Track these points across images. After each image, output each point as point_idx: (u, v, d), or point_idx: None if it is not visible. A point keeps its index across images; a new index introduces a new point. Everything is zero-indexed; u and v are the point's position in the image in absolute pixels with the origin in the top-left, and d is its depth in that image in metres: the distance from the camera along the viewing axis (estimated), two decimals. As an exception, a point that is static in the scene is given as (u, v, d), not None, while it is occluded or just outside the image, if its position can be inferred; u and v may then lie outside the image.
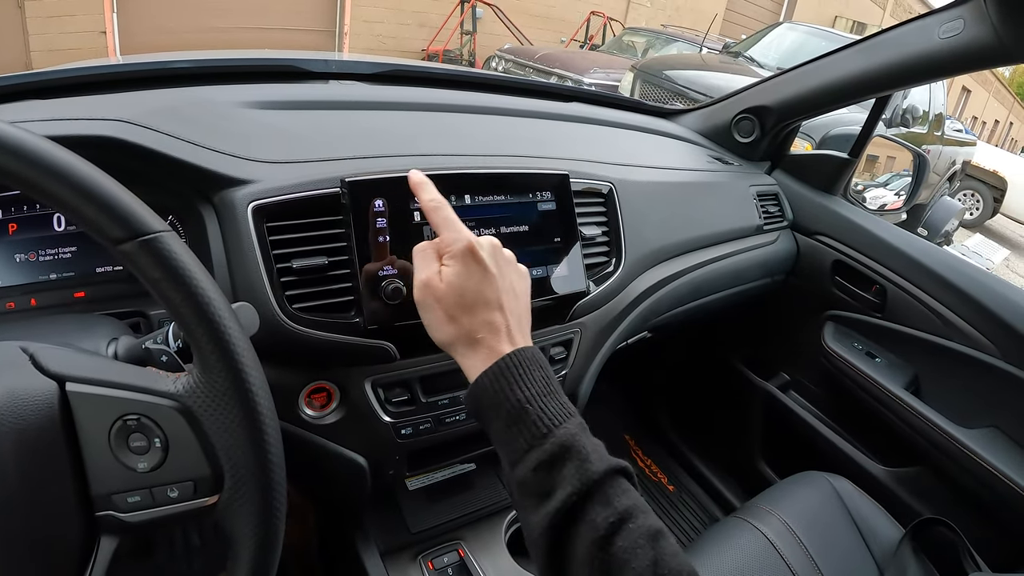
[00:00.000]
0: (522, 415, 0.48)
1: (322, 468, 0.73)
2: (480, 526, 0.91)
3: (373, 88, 1.04)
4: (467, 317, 0.52)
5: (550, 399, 0.49)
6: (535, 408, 0.48)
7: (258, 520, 0.43)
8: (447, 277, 0.53)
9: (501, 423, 0.49)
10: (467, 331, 0.52)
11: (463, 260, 0.53)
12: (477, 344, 0.52)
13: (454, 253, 0.53)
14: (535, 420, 0.47)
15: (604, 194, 0.89)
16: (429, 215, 0.56)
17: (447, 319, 0.53)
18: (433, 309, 0.54)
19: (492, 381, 0.50)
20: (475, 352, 0.52)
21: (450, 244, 0.54)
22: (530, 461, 0.46)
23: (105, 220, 0.39)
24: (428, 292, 0.54)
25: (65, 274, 0.67)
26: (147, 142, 0.62)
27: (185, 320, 0.41)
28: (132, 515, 0.43)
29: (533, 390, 0.49)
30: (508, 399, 0.48)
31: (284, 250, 0.63)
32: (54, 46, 5.13)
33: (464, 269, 0.53)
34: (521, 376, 0.49)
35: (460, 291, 0.52)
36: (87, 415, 0.42)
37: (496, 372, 0.50)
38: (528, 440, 0.47)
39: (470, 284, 0.53)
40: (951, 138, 6.02)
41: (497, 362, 0.50)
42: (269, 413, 0.43)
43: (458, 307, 0.52)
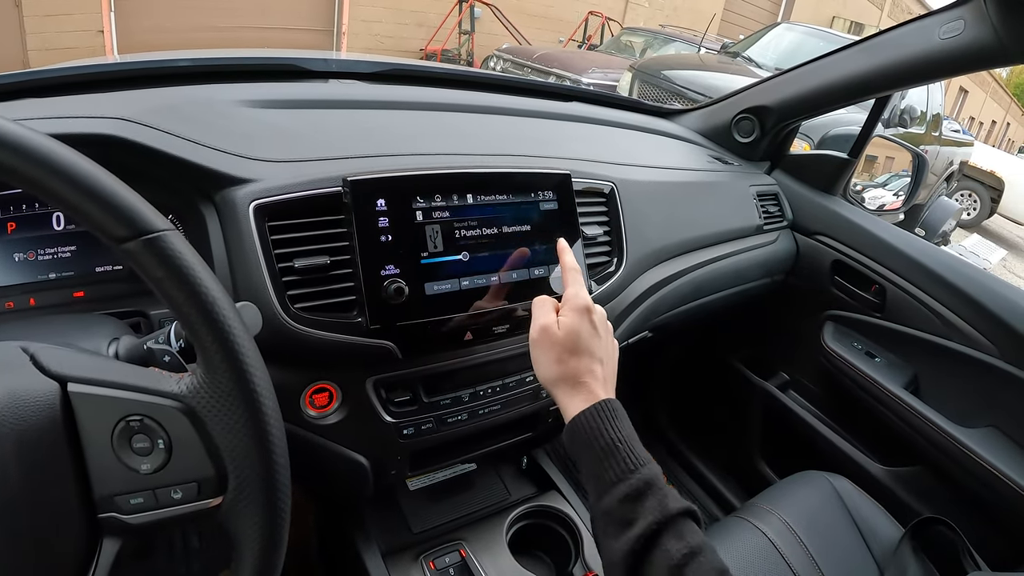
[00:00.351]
0: (614, 451, 0.54)
1: (324, 468, 0.73)
2: (481, 526, 0.91)
3: (373, 87, 1.03)
4: (575, 361, 0.60)
5: (636, 444, 0.56)
6: (625, 447, 0.55)
7: (263, 522, 0.43)
8: (565, 324, 0.61)
9: (594, 456, 0.55)
10: (573, 373, 0.60)
11: (580, 314, 0.62)
12: (580, 386, 0.59)
13: (575, 306, 0.62)
14: (625, 457, 0.54)
15: (606, 194, 0.88)
16: (566, 272, 0.67)
17: (557, 360, 0.60)
18: (547, 350, 0.61)
19: (591, 418, 0.57)
20: (577, 392, 0.59)
21: (572, 298, 0.63)
22: (618, 492, 0.52)
23: (108, 219, 0.38)
24: (545, 335, 0.61)
25: (64, 273, 0.67)
26: (148, 140, 0.62)
27: (189, 320, 0.40)
28: (135, 517, 0.43)
29: (624, 433, 0.56)
30: (603, 435, 0.55)
31: (286, 249, 0.63)
32: (51, 45, 5.11)
33: (580, 322, 0.61)
34: (614, 420, 0.57)
35: (575, 338, 0.60)
36: (89, 416, 0.41)
37: (595, 411, 0.57)
38: (617, 474, 0.53)
39: (583, 335, 0.61)
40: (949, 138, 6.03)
41: (597, 403, 0.57)
42: (274, 414, 0.43)
43: (569, 351, 0.60)
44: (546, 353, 0.61)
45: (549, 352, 0.61)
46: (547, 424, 0.90)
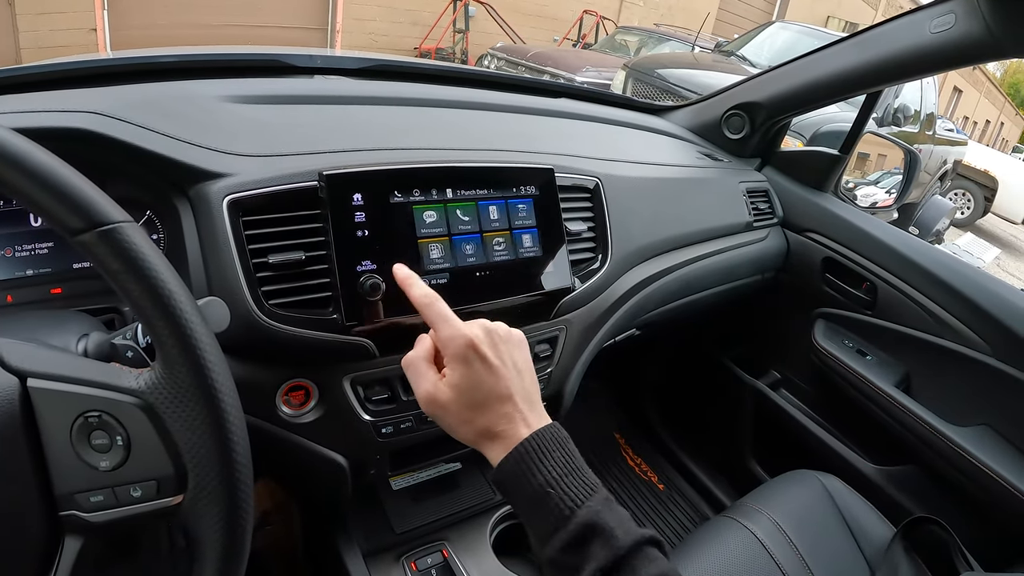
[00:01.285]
0: (545, 498, 0.48)
1: (301, 468, 0.72)
2: (465, 526, 0.90)
3: (357, 83, 1.02)
4: (481, 416, 0.52)
5: (572, 478, 0.49)
6: (557, 491, 0.48)
7: (224, 521, 0.42)
8: (452, 381, 0.52)
9: (525, 506, 0.50)
10: (485, 428, 0.52)
11: (465, 360, 0.52)
12: (497, 437, 0.52)
13: (455, 354, 0.52)
14: (557, 503, 0.48)
15: (590, 189, 0.87)
16: (422, 311, 0.55)
17: (461, 422, 0.53)
18: (444, 417, 0.53)
19: (513, 467, 0.50)
20: (496, 444, 0.52)
21: (448, 344, 0.53)
22: (557, 541, 0.47)
23: (62, 209, 0.38)
24: (434, 405, 0.53)
25: (42, 270, 0.66)
26: (119, 134, 0.61)
27: (146, 314, 0.39)
28: (95, 515, 0.42)
29: (554, 472, 0.49)
30: (530, 483, 0.49)
31: (260, 244, 0.61)
32: (44, 43, 5.09)
33: (468, 370, 0.52)
34: (541, 459, 0.50)
35: (469, 393, 0.52)
36: (48, 411, 0.41)
37: (515, 458, 0.50)
38: (552, 522, 0.48)
39: (478, 384, 0.52)
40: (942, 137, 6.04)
41: (514, 450, 0.50)
42: (234, 410, 0.42)
43: (469, 409, 0.52)
44: (446, 419, 0.53)
45: (448, 417, 0.53)
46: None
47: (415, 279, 0.58)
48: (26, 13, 4.98)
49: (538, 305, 0.76)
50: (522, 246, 0.73)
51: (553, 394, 0.87)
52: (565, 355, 0.85)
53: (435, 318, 0.54)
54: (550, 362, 0.83)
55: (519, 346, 0.57)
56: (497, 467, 0.51)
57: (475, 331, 0.53)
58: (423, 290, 0.56)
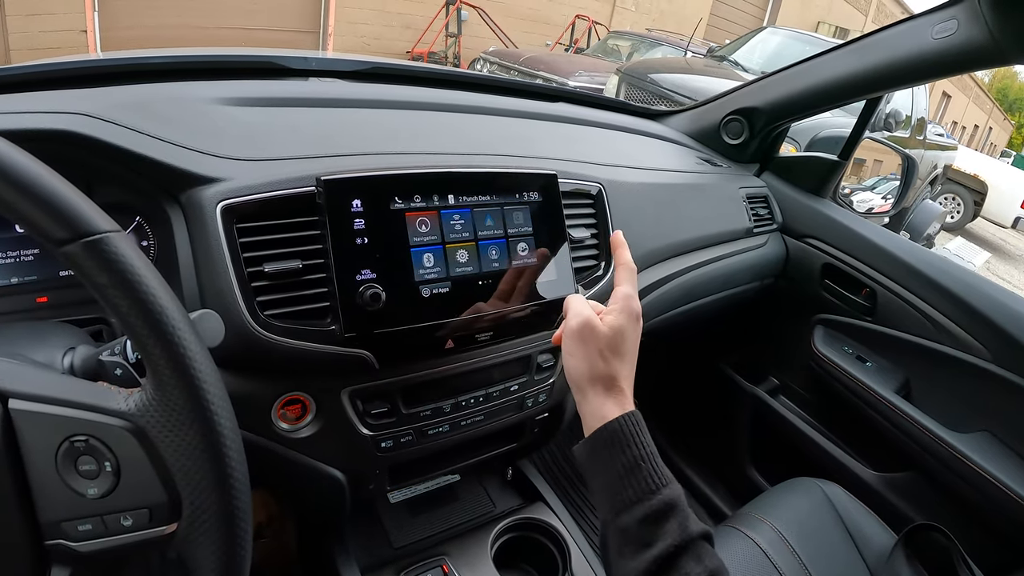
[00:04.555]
0: (637, 468, 0.51)
1: (298, 483, 0.69)
2: (465, 540, 0.88)
3: (354, 86, 1.00)
4: (617, 362, 0.56)
5: (659, 461, 0.53)
6: (648, 466, 0.51)
7: (221, 551, 0.40)
8: (614, 323, 0.57)
9: (617, 470, 0.52)
10: (613, 374, 0.56)
11: (629, 317, 0.58)
12: (615, 390, 0.55)
13: (628, 309, 0.58)
14: (648, 475, 0.51)
15: (593, 195, 0.86)
16: (622, 269, 0.63)
17: (599, 355, 0.56)
18: (587, 343, 0.56)
19: (621, 429, 0.53)
20: (610, 396, 0.55)
21: (626, 299, 0.59)
22: (637, 512, 0.50)
23: (44, 218, 0.35)
24: (589, 328, 0.57)
25: (27, 278, 0.63)
26: (108, 137, 0.59)
27: (135, 330, 0.37)
28: (84, 544, 0.40)
29: (649, 448, 0.53)
30: (630, 449, 0.52)
31: (255, 253, 0.59)
32: (34, 44, 5.04)
33: (628, 323, 0.58)
34: (641, 433, 0.53)
35: (621, 339, 0.57)
36: (32, 435, 0.38)
37: (625, 421, 0.53)
38: (638, 493, 0.50)
39: (630, 339, 0.58)
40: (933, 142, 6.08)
41: (627, 413, 0.54)
42: (231, 433, 0.40)
43: (613, 351, 0.56)
44: (585, 346, 0.56)
45: (589, 345, 0.56)
46: (532, 435, 0.87)
47: (626, 247, 0.65)
48: (16, 14, 4.93)
49: (541, 313, 0.74)
50: (524, 253, 0.72)
51: (554, 406, 0.85)
52: (567, 365, 0.83)
53: (626, 279, 0.62)
54: (552, 372, 0.82)
55: None
56: (608, 423, 0.53)
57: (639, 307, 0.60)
58: (629, 259, 0.64)
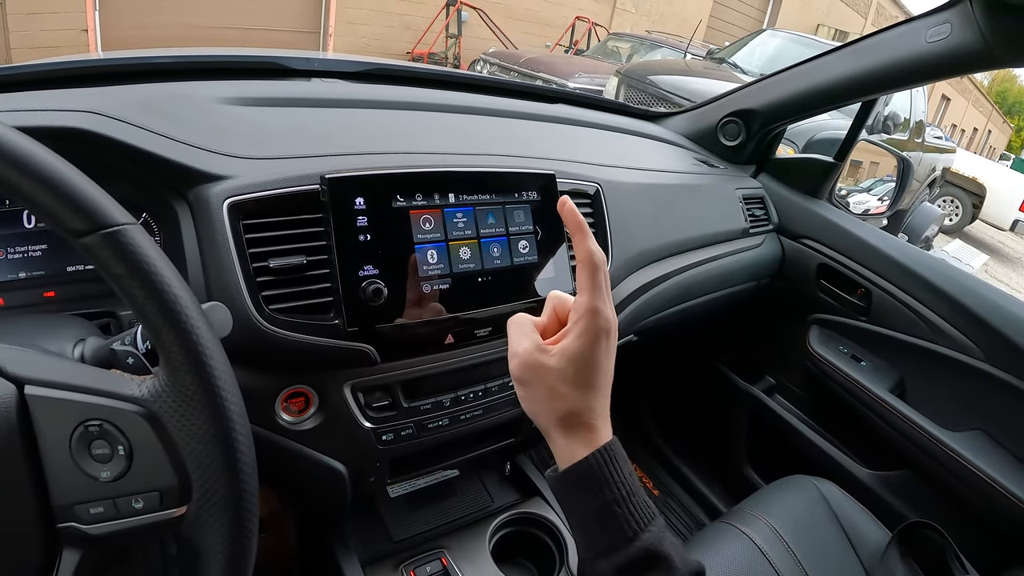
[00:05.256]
0: (611, 515, 0.45)
1: (300, 476, 0.71)
2: (464, 534, 0.89)
3: (356, 86, 1.02)
4: (579, 394, 0.47)
5: (636, 499, 0.46)
6: (623, 511, 0.45)
7: (229, 533, 0.41)
8: (569, 350, 0.47)
9: (589, 516, 0.46)
10: (575, 411, 0.47)
11: (595, 339, 0.47)
12: (580, 427, 0.47)
13: (590, 326, 0.47)
14: (625, 520, 0.45)
15: (591, 195, 0.87)
16: (585, 266, 0.48)
17: (554, 396, 0.47)
18: (536, 384, 0.48)
19: (585, 473, 0.46)
20: (577, 434, 0.47)
21: (591, 314, 0.47)
22: (615, 560, 0.45)
23: (65, 211, 0.36)
24: (530, 368, 0.48)
25: (35, 273, 0.65)
26: (118, 134, 0.60)
27: (150, 319, 0.38)
28: (95, 527, 0.41)
29: (624, 489, 0.46)
30: (600, 495, 0.46)
31: (261, 249, 0.61)
32: (35, 43, 5.05)
33: (591, 350, 0.47)
34: (616, 469, 0.46)
35: (582, 370, 0.47)
36: (47, 420, 0.39)
37: (596, 460, 0.46)
38: (613, 541, 0.45)
39: (594, 365, 0.47)
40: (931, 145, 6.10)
41: (594, 454, 0.46)
42: (240, 419, 0.41)
43: (571, 385, 0.47)
44: (532, 388, 0.48)
45: (536, 386, 0.47)
46: (530, 430, 0.88)
47: (588, 230, 0.50)
48: (17, 13, 4.94)
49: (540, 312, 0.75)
50: (525, 251, 0.73)
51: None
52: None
53: (590, 284, 0.48)
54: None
55: None
56: (575, 465, 0.46)
57: (613, 318, 0.49)
58: (598, 249, 0.49)
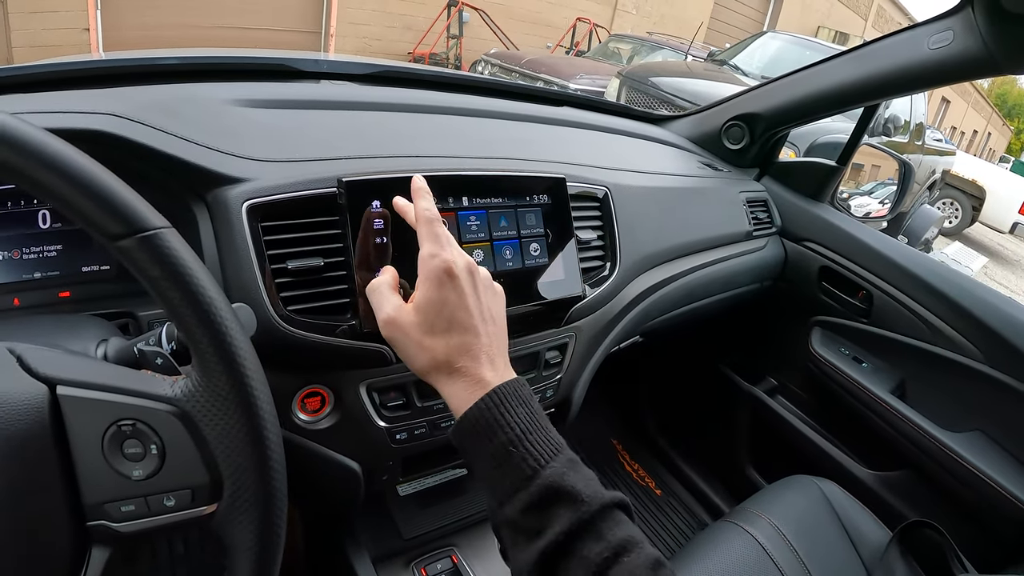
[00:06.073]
0: (507, 456, 0.46)
1: (314, 473, 0.72)
2: (473, 532, 0.90)
3: (365, 88, 1.03)
4: (440, 343, 0.50)
5: (536, 436, 0.47)
6: (519, 450, 0.46)
7: (259, 530, 0.42)
8: (418, 301, 0.51)
9: (486, 463, 0.48)
10: (444, 358, 0.50)
11: (438, 281, 0.51)
12: (456, 372, 0.50)
13: (429, 274, 0.51)
14: (521, 459, 0.46)
15: (599, 198, 0.88)
16: (419, 223, 0.54)
17: (420, 348, 0.51)
18: (403, 340, 0.52)
19: (474, 420, 0.48)
20: (455, 381, 0.50)
21: (426, 262, 0.52)
22: (518, 503, 0.45)
23: (103, 215, 0.37)
24: (394, 327, 0.52)
25: (50, 273, 0.65)
26: (140, 137, 0.61)
27: (185, 321, 0.39)
28: (126, 525, 0.42)
29: (518, 428, 0.47)
30: (492, 439, 0.47)
31: (279, 250, 0.61)
32: (36, 42, 5.05)
33: (437, 292, 0.51)
34: (504, 414, 0.48)
35: (433, 316, 0.51)
36: (79, 420, 0.40)
37: (478, 410, 0.48)
38: (514, 481, 0.46)
39: (443, 308, 0.51)
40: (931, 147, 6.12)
41: (479, 400, 0.48)
42: (271, 419, 0.42)
43: (430, 334, 0.50)
44: (405, 342, 0.51)
45: (403, 341, 0.51)
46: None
47: (426, 192, 0.56)
48: (19, 12, 4.95)
49: (550, 312, 0.77)
50: (536, 254, 0.74)
51: (561, 401, 0.87)
52: (574, 362, 0.86)
53: (426, 234, 0.53)
54: (560, 369, 0.84)
55: (496, 297, 0.56)
56: (460, 419, 0.49)
57: (456, 259, 0.52)
58: (428, 205, 0.55)
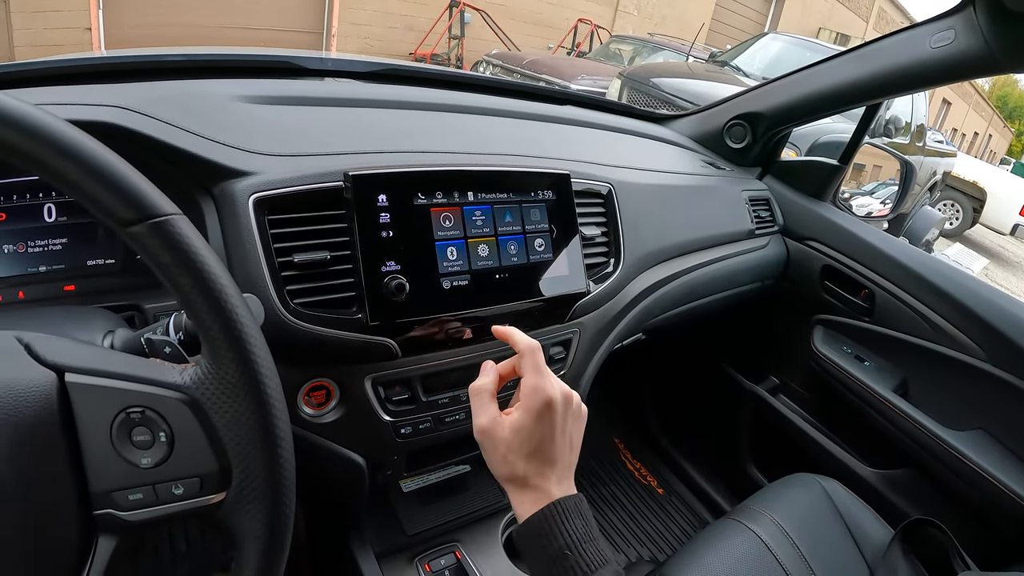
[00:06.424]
0: (563, 559, 0.51)
1: (320, 468, 0.72)
2: (476, 528, 0.90)
3: (369, 86, 1.03)
4: (522, 465, 0.55)
5: (589, 546, 0.52)
6: (574, 554, 0.51)
7: (267, 518, 0.42)
8: (516, 425, 0.55)
9: (543, 564, 0.52)
10: (522, 475, 0.55)
11: (538, 414, 0.55)
12: (528, 488, 0.55)
13: (532, 406, 0.55)
14: (572, 566, 0.51)
15: (603, 195, 0.89)
16: (522, 355, 0.58)
17: (504, 462, 0.56)
18: (491, 450, 0.56)
19: (537, 525, 0.53)
20: (525, 493, 0.55)
21: (531, 394, 0.56)
22: None
23: (114, 201, 0.37)
24: (487, 436, 0.56)
25: (55, 266, 0.65)
26: (148, 130, 0.61)
27: (195, 307, 0.39)
28: (133, 513, 0.41)
29: (574, 536, 0.52)
30: (552, 543, 0.52)
31: (285, 244, 0.62)
32: (38, 41, 5.06)
33: (535, 425, 0.55)
34: (563, 523, 0.53)
35: (525, 443, 0.55)
36: (87, 408, 0.40)
37: (542, 517, 0.53)
38: None
39: (536, 440, 0.55)
40: (932, 149, 6.12)
41: (543, 508, 0.54)
42: (280, 406, 0.42)
43: (516, 455, 0.55)
44: (488, 454, 0.57)
45: (491, 453, 0.56)
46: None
47: (516, 331, 0.61)
48: (21, 11, 4.95)
49: (554, 307, 0.77)
50: (540, 249, 0.74)
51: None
52: (578, 357, 0.86)
53: (530, 366, 0.58)
54: (563, 365, 0.84)
55: (581, 422, 0.60)
56: (524, 521, 0.54)
57: (557, 394, 0.56)
58: (527, 339, 0.60)
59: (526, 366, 0.58)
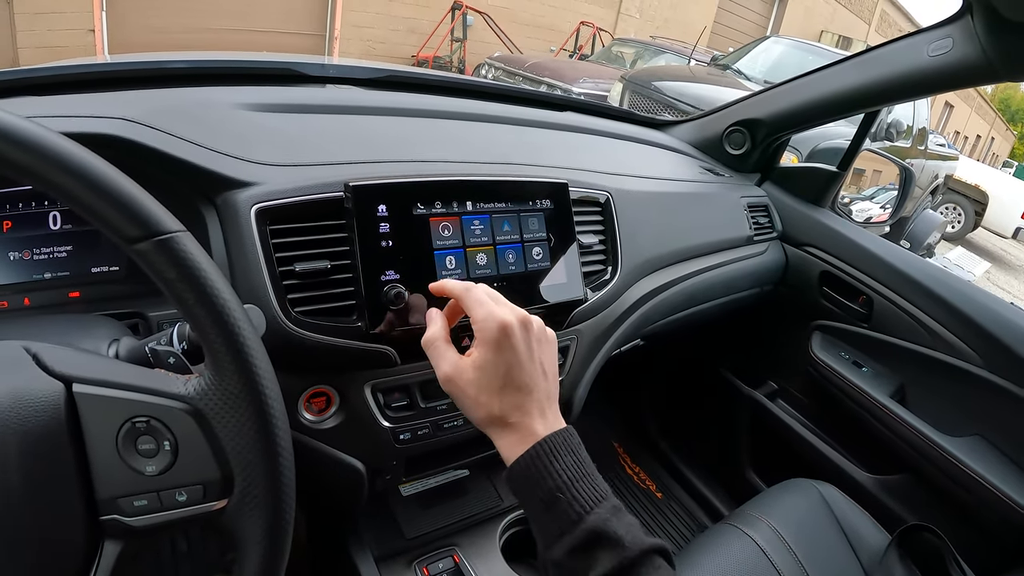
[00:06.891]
0: (555, 501, 0.49)
1: (319, 474, 0.73)
2: (475, 532, 0.91)
3: (370, 93, 1.04)
4: (497, 402, 0.53)
5: (582, 483, 0.50)
6: (567, 496, 0.49)
7: (268, 524, 0.43)
8: (477, 362, 0.53)
9: (536, 507, 0.50)
10: (499, 414, 0.53)
11: (496, 345, 0.53)
12: (509, 427, 0.53)
13: (486, 337, 0.53)
14: (566, 508, 0.49)
15: (601, 203, 0.90)
16: (461, 298, 0.57)
17: (477, 404, 0.53)
18: (462, 397, 0.54)
19: (525, 468, 0.51)
20: (508, 434, 0.53)
21: (482, 325, 0.54)
22: (564, 545, 0.48)
23: (121, 219, 0.38)
24: (453, 384, 0.54)
25: (60, 273, 0.66)
26: (152, 142, 0.62)
27: (199, 321, 0.41)
28: (138, 519, 0.42)
29: (565, 476, 0.50)
30: (541, 485, 0.50)
31: (287, 253, 0.63)
32: (42, 43, 5.07)
33: (495, 355, 0.53)
34: (552, 463, 0.51)
35: (491, 377, 0.53)
36: (94, 417, 0.41)
37: (528, 459, 0.51)
38: (561, 525, 0.48)
39: (500, 367, 0.53)
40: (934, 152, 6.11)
41: (529, 450, 0.51)
42: (281, 417, 0.43)
43: (487, 393, 0.53)
44: (463, 399, 0.54)
45: (461, 398, 0.54)
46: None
47: (447, 280, 0.60)
48: (24, 13, 4.96)
49: (552, 315, 0.78)
50: (538, 258, 0.75)
51: (562, 403, 0.88)
52: (576, 365, 0.87)
53: (472, 302, 0.55)
54: (561, 372, 0.85)
55: (549, 345, 0.58)
56: (511, 467, 0.52)
57: (510, 318, 0.54)
58: (457, 282, 0.58)
59: (470, 301, 0.56)
